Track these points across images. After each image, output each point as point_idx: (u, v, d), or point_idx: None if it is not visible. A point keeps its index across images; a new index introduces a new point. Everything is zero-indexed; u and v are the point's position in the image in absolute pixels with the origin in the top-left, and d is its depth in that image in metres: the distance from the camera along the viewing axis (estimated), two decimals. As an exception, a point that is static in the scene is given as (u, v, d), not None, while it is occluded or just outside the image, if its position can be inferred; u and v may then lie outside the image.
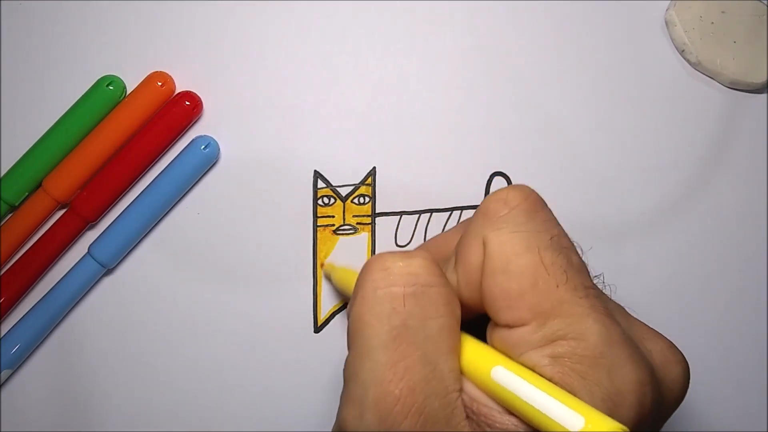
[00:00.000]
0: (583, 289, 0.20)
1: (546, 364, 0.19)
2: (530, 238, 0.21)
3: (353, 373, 0.20)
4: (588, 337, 0.19)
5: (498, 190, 0.22)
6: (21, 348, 0.31)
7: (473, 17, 0.35)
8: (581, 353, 0.19)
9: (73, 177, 0.32)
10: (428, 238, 0.34)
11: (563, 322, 0.20)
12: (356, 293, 0.21)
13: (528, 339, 0.20)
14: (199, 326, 0.33)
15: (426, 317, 0.20)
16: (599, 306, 0.20)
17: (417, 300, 0.20)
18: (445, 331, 0.20)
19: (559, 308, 0.20)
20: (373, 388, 0.20)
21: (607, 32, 0.35)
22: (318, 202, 0.34)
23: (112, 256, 0.32)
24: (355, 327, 0.21)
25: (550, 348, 0.19)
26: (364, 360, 0.20)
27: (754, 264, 0.36)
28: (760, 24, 0.36)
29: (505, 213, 0.21)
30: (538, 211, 0.21)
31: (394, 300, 0.20)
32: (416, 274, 0.21)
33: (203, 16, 0.33)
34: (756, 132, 0.36)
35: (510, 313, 0.20)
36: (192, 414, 0.33)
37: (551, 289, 0.20)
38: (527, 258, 0.20)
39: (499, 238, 0.21)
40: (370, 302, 0.21)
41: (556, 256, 0.20)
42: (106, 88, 0.32)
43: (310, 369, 0.34)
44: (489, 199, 0.22)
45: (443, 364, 0.20)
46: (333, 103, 0.34)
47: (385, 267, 0.21)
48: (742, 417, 0.35)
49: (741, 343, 0.36)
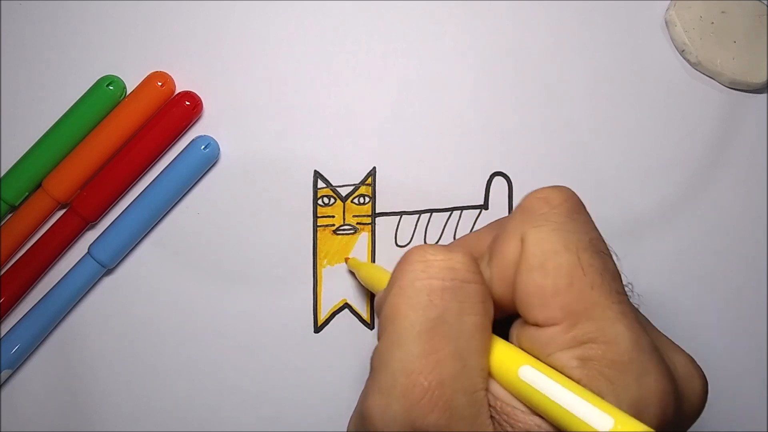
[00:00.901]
0: (616, 295, 0.20)
1: (575, 365, 0.19)
2: (569, 238, 0.20)
3: (383, 361, 0.20)
4: (619, 342, 0.19)
5: (540, 188, 0.22)
6: (21, 348, 0.31)
7: (473, 17, 0.35)
8: (611, 358, 0.19)
9: (73, 177, 0.32)
10: (428, 238, 0.34)
11: (595, 325, 0.19)
12: (393, 283, 0.21)
13: (557, 339, 0.20)
14: (199, 326, 0.33)
15: (462, 313, 0.20)
16: (630, 313, 0.20)
17: (454, 295, 0.20)
18: (479, 329, 0.20)
19: (592, 311, 0.20)
20: (403, 378, 0.19)
21: (607, 32, 0.35)
22: (318, 202, 0.34)
23: (112, 256, 0.32)
24: (390, 316, 0.21)
25: (580, 350, 0.19)
26: (395, 349, 0.20)
27: (754, 264, 0.36)
28: (760, 24, 0.36)
29: (546, 211, 0.21)
30: (579, 213, 0.21)
31: (432, 293, 0.20)
32: (456, 269, 0.21)
33: (203, 16, 0.33)
34: (756, 132, 0.36)
35: (542, 311, 0.20)
36: (192, 414, 0.33)
37: (586, 291, 0.20)
38: (565, 257, 0.20)
39: (539, 236, 0.21)
40: (408, 293, 0.21)
41: (593, 259, 0.20)
42: (106, 88, 0.32)
43: (310, 369, 0.34)
44: (530, 196, 0.22)
45: (474, 362, 0.20)
46: (333, 103, 0.34)
47: (426, 259, 0.21)
48: (742, 417, 0.35)
49: (741, 342, 0.36)
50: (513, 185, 0.35)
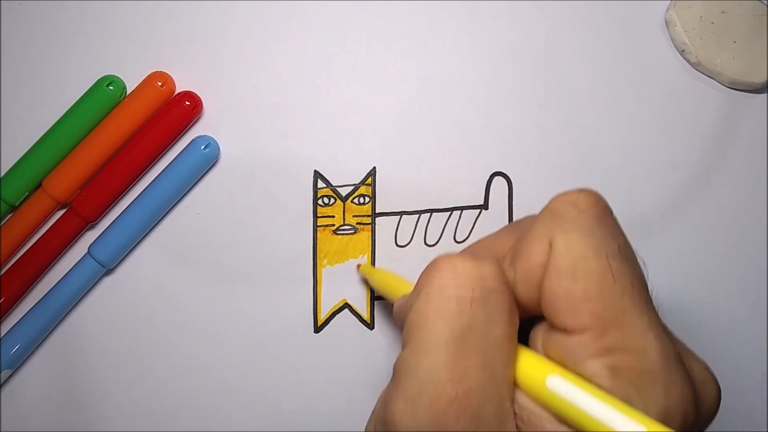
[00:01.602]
0: (644, 303, 0.20)
1: (605, 374, 0.19)
2: (599, 243, 0.20)
3: (408, 368, 0.20)
4: (648, 351, 0.19)
5: (567, 191, 0.22)
6: (21, 348, 0.31)
7: (473, 17, 0.35)
8: (641, 367, 0.19)
9: (73, 177, 0.32)
10: (428, 238, 0.34)
11: (624, 333, 0.19)
12: (420, 290, 0.21)
13: (586, 347, 0.19)
14: (199, 326, 0.33)
15: (489, 323, 0.20)
16: (658, 322, 0.20)
17: (483, 304, 0.20)
18: (506, 339, 0.20)
19: (622, 319, 0.19)
20: (430, 386, 0.19)
21: (607, 32, 0.35)
22: (318, 202, 0.34)
23: (112, 256, 0.32)
24: (417, 323, 0.21)
25: (610, 358, 0.19)
26: (422, 357, 0.20)
27: (754, 264, 0.36)
28: (760, 24, 0.36)
29: (575, 215, 0.21)
30: (607, 218, 0.21)
31: (461, 301, 0.20)
32: (485, 278, 0.21)
33: (203, 16, 0.33)
34: (756, 132, 0.36)
35: (571, 317, 0.20)
36: (192, 414, 0.33)
37: (616, 298, 0.20)
38: (596, 263, 0.20)
39: (568, 240, 0.20)
40: (436, 301, 0.20)
41: (623, 266, 0.20)
42: (106, 88, 0.32)
43: (310, 369, 0.34)
44: (558, 199, 0.21)
45: (500, 372, 0.20)
46: (333, 103, 0.34)
47: (455, 267, 0.21)
48: (742, 417, 0.35)
49: (741, 342, 0.36)
50: (513, 185, 0.35)
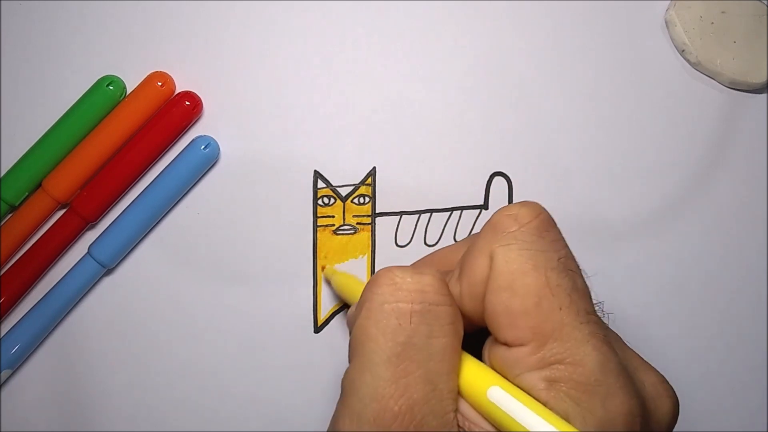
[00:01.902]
0: (584, 315, 0.20)
1: (542, 387, 0.19)
2: (538, 257, 0.20)
3: (353, 385, 0.20)
4: (585, 363, 0.19)
5: (509, 205, 0.22)
6: (21, 348, 0.31)
7: (473, 17, 0.35)
8: (577, 379, 0.19)
9: (73, 177, 0.32)
10: (428, 238, 0.34)
11: (562, 345, 0.20)
12: (362, 305, 0.21)
13: (526, 360, 0.20)
14: (199, 326, 0.33)
15: (431, 335, 0.20)
16: (599, 333, 0.20)
17: (423, 318, 0.20)
18: (448, 351, 0.21)
19: (560, 331, 0.20)
20: (373, 403, 0.20)
21: (607, 32, 0.35)
22: (318, 202, 0.34)
23: (112, 256, 0.32)
24: (359, 340, 0.21)
25: (547, 371, 0.19)
26: (365, 373, 0.20)
27: (754, 264, 0.36)
28: (760, 24, 0.36)
29: (515, 229, 0.21)
30: (548, 231, 0.21)
31: (401, 316, 0.20)
32: (425, 291, 0.21)
33: (203, 16, 0.33)
34: (756, 132, 0.36)
35: (510, 331, 0.20)
36: (192, 414, 0.33)
37: (554, 311, 0.20)
38: (533, 277, 0.20)
39: (507, 255, 0.21)
40: (377, 316, 0.21)
41: (561, 279, 0.20)
42: (106, 88, 0.32)
43: (310, 369, 0.34)
44: (499, 213, 0.22)
45: (443, 384, 0.20)
46: (333, 103, 0.34)
47: (394, 281, 0.21)
48: (742, 417, 0.35)
49: (741, 343, 0.36)
50: (513, 185, 0.35)
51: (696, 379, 0.35)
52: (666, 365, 0.23)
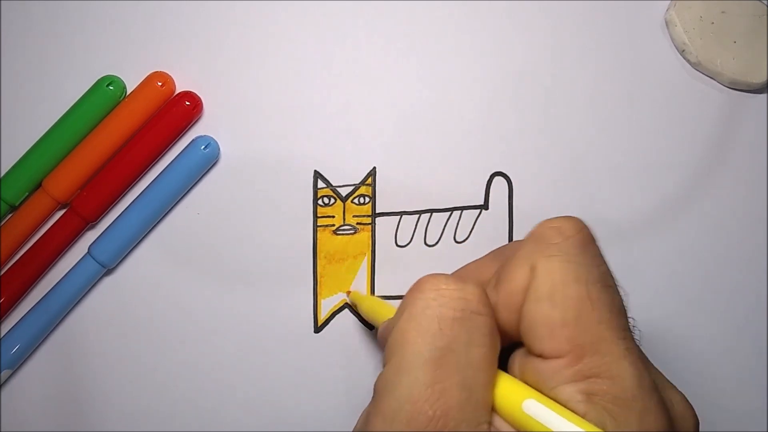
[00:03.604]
0: (622, 330, 0.20)
1: (579, 399, 0.19)
2: (580, 270, 0.21)
3: (388, 386, 0.20)
4: (624, 378, 0.19)
5: (553, 218, 0.22)
6: (21, 348, 0.31)
7: (473, 17, 0.35)
8: (615, 394, 0.19)
9: (73, 177, 0.32)
10: (428, 238, 0.34)
11: (600, 359, 0.20)
12: (403, 309, 0.21)
13: (562, 372, 0.20)
14: (199, 326, 0.33)
15: (470, 344, 0.20)
16: (634, 350, 0.20)
17: (464, 325, 0.20)
18: (486, 362, 0.21)
19: (598, 345, 0.20)
20: (408, 405, 0.20)
21: (607, 32, 0.35)
22: (318, 202, 0.34)
23: (112, 256, 0.32)
24: (398, 342, 0.21)
25: (585, 384, 0.19)
26: (402, 375, 0.20)
27: (754, 264, 0.36)
28: (760, 24, 0.36)
29: (559, 242, 0.21)
30: (590, 245, 0.22)
31: (442, 321, 0.20)
32: (468, 300, 0.21)
33: (203, 16, 0.33)
34: (756, 132, 0.36)
35: (549, 342, 0.20)
36: (192, 414, 0.33)
37: (593, 325, 0.20)
38: (575, 289, 0.20)
39: (550, 266, 0.21)
40: (419, 320, 0.21)
41: (602, 293, 0.20)
42: (106, 88, 0.32)
43: (310, 369, 0.34)
44: (543, 225, 0.22)
45: (479, 394, 0.20)
46: (333, 103, 0.34)
47: (438, 288, 0.21)
48: (742, 417, 0.35)
49: (741, 342, 0.36)
50: (513, 185, 0.35)
51: (696, 378, 0.35)
52: (666, 365, 0.23)
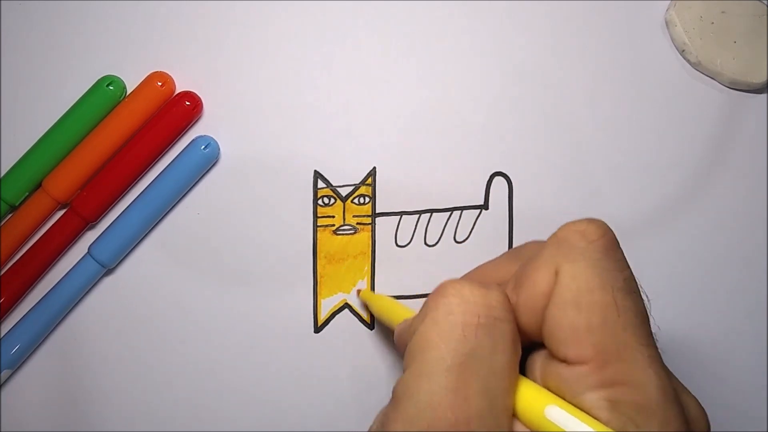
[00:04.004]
0: (646, 337, 0.20)
1: (603, 407, 0.19)
2: (605, 275, 0.20)
3: (409, 391, 0.20)
4: (648, 387, 0.19)
5: (575, 221, 0.22)
6: (21, 348, 0.31)
7: (473, 17, 0.35)
8: (640, 402, 0.19)
9: (73, 177, 0.32)
10: (428, 238, 0.34)
11: (625, 367, 0.19)
12: (426, 314, 0.21)
13: (586, 378, 0.20)
14: (199, 326, 0.33)
15: (494, 351, 0.20)
16: (658, 357, 0.20)
17: (488, 332, 0.20)
18: (508, 368, 0.20)
19: (623, 352, 0.19)
20: (429, 410, 0.19)
21: (607, 32, 0.35)
22: (318, 202, 0.34)
23: (112, 256, 0.32)
24: (420, 346, 0.21)
25: (609, 391, 0.19)
26: (423, 380, 0.20)
27: (754, 264, 0.36)
28: (760, 24, 0.36)
29: (584, 246, 0.21)
30: (614, 250, 0.21)
31: (466, 327, 0.20)
32: (492, 306, 0.21)
33: (203, 16, 0.33)
34: (756, 132, 0.36)
35: (573, 348, 0.20)
36: (192, 414, 0.33)
37: (618, 332, 0.20)
38: (601, 295, 0.20)
39: (575, 270, 0.20)
40: (442, 325, 0.20)
41: (627, 299, 0.20)
42: (106, 88, 0.32)
43: (310, 369, 0.34)
44: (566, 228, 0.22)
45: (501, 401, 0.20)
46: (333, 103, 0.34)
47: (462, 293, 0.21)
48: (742, 417, 0.35)
49: (741, 342, 0.36)
50: (513, 185, 0.35)
51: (696, 378, 0.35)
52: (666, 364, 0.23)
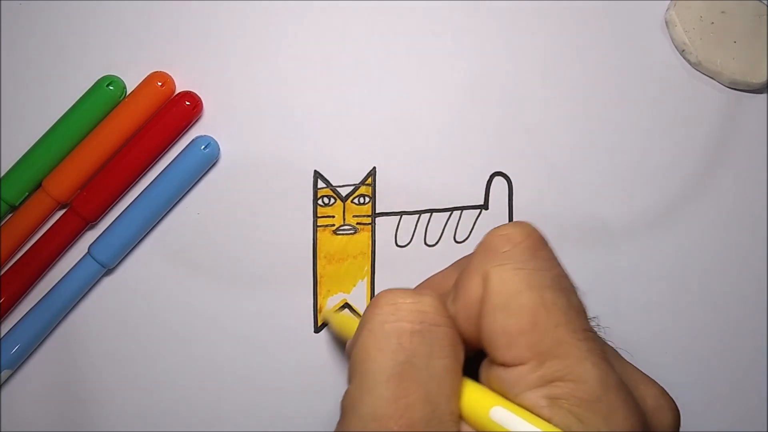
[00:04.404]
0: (582, 332, 0.20)
1: (544, 405, 0.19)
2: (532, 276, 0.20)
3: (353, 405, 0.20)
4: (586, 380, 0.19)
5: (500, 226, 0.22)
6: (21, 348, 0.31)
7: (473, 17, 0.35)
8: (579, 396, 0.19)
9: (73, 177, 0.32)
10: (428, 238, 0.34)
11: (561, 363, 0.20)
12: (363, 326, 0.21)
13: (525, 378, 0.20)
14: (199, 326, 0.33)
15: (431, 356, 0.20)
16: (597, 349, 0.20)
17: (423, 338, 0.20)
18: (449, 372, 0.20)
19: (558, 349, 0.20)
20: (373, 423, 0.19)
21: (607, 32, 0.35)
22: (318, 202, 0.34)
23: (112, 256, 0.32)
24: (359, 359, 0.21)
25: (548, 389, 0.19)
26: (365, 393, 0.20)
27: (753, 264, 0.36)
28: (760, 24, 0.36)
29: (508, 249, 0.21)
30: (541, 250, 0.21)
31: (401, 335, 0.20)
32: (425, 312, 0.21)
33: (203, 16, 0.33)
34: (756, 132, 0.36)
35: (508, 351, 0.20)
36: (192, 414, 0.33)
37: (550, 329, 0.20)
38: (528, 296, 0.20)
39: (501, 275, 0.21)
40: (377, 335, 0.21)
41: (557, 297, 0.20)
42: (106, 88, 0.32)
43: (310, 369, 0.34)
44: (491, 234, 0.22)
45: (444, 406, 0.20)
46: (333, 103, 0.34)
47: (395, 302, 0.21)
48: (742, 417, 0.35)
49: (741, 343, 0.36)
50: (513, 185, 0.35)
51: (696, 378, 0.35)
52: (666, 365, 0.23)
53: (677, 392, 0.23)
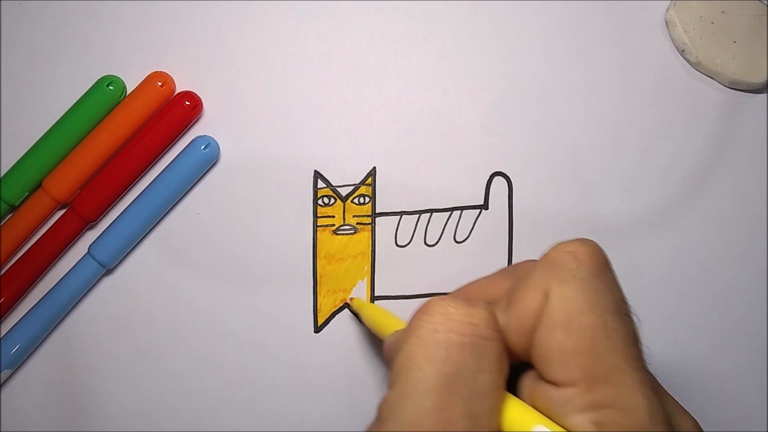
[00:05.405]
0: (636, 360, 0.20)
1: (590, 430, 0.19)
2: (595, 297, 0.20)
3: (393, 411, 0.20)
4: (636, 410, 0.19)
5: (567, 241, 0.22)
6: (21, 348, 0.31)
7: (473, 17, 0.35)
8: (627, 426, 0.19)
9: (73, 177, 0.32)
10: (428, 238, 0.34)
11: (614, 390, 0.19)
12: (411, 332, 0.21)
13: (574, 400, 0.19)
14: (199, 326, 0.33)
15: (478, 370, 0.20)
16: (648, 381, 0.20)
17: (473, 351, 0.20)
18: (493, 388, 0.20)
19: (612, 375, 0.19)
20: (413, 431, 0.19)
21: (607, 32, 0.35)
22: (318, 202, 0.34)
23: (112, 256, 0.32)
24: (404, 366, 0.20)
25: (596, 414, 0.19)
26: (407, 401, 0.20)
27: (753, 264, 0.36)
28: (760, 24, 0.36)
29: (574, 267, 0.21)
30: (606, 272, 0.21)
31: (450, 347, 0.20)
32: (476, 324, 0.21)
33: (203, 16, 0.33)
34: (756, 132, 0.36)
35: (561, 369, 0.20)
36: (192, 414, 0.33)
37: (608, 355, 0.20)
38: (590, 318, 0.20)
39: (564, 293, 0.20)
40: (426, 344, 0.20)
41: (617, 322, 0.20)
42: (106, 88, 0.32)
43: (310, 369, 0.34)
44: (557, 249, 0.21)
45: (485, 421, 0.20)
46: (333, 103, 0.34)
47: (446, 311, 0.21)
48: (742, 417, 0.35)
49: (741, 342, 0.36)
50: (513, 185, 0.35)
51: (696, 378, 0.35)
52: (666, 365, 0.23)
53: (677, 392, 0.23)
